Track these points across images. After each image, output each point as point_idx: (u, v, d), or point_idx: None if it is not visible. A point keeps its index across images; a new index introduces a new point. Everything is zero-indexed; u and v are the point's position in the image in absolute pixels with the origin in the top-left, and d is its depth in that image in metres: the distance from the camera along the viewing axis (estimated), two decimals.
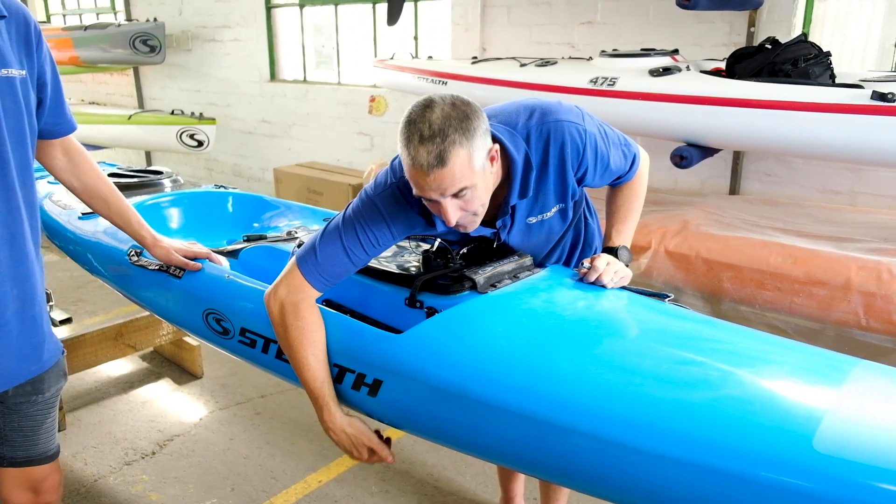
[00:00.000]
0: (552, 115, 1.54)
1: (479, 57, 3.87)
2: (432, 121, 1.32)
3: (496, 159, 1.45)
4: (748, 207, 2.97)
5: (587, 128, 1.55)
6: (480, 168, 1.38)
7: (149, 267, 2.01)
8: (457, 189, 1.35)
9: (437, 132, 1.30)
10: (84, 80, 7.43)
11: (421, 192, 1.39)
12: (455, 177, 1.33)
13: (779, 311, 2.49)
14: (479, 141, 1.35)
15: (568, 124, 1.53)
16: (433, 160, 1.31)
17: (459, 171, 1.33)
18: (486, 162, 1.41)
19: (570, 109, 1.57)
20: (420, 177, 1.34)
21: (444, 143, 1.30)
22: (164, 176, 2.88)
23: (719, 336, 1.46)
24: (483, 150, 1.38)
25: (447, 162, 1.31)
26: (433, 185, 1.34)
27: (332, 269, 1.56)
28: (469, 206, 1.42)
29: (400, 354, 1.48)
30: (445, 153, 1.30)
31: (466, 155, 1.33)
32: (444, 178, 1.33)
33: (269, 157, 5.71)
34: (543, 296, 1.59)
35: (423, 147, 1.31)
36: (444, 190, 1.35)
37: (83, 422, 3.24)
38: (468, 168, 1.34)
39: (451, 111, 1.33)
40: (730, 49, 2.97)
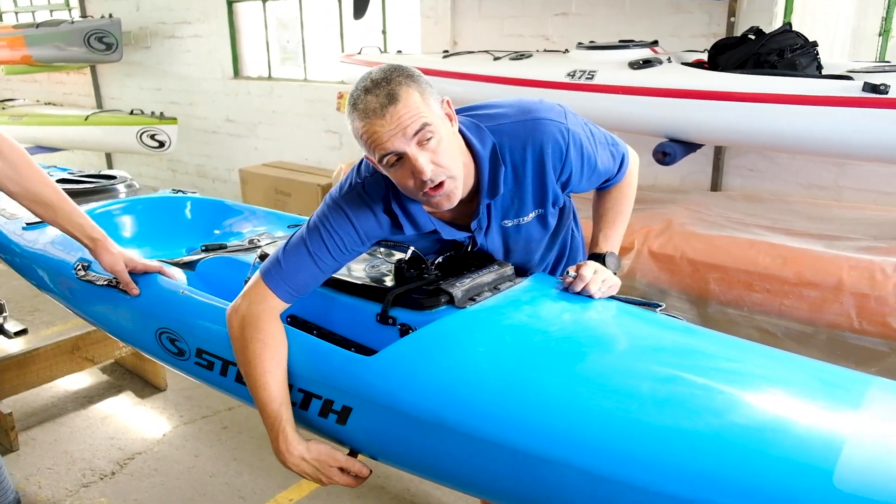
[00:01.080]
0: (531, 112, 1.42)
1: (450, 51, 3.73)
2: (374, 76, 1.26)
3: (454, 119, 1.36)
4: (732, 204, 2.88)
5: (570, 127, 1.43)
6: (438, 112, 1.29)
7: (96, 282, 1.85)
8: (417, 125, 1.25)
9: (382, 80, 1.25)
10: (39, 79, 7.14)
11: (383, 147, 1.26)
12: (411, 110, 1.24)
13: (768, 314, 2.39)
14: (426, 86, 1.28)
15: (548, 123, 1.41)
16: (384, 99, 1.23)
17: (414, 106, 1.24)
18: (444, 114, 1.32)
19: (552, 107, 1.45)
20: (376, 126, 1.24)
21: (391, 84, 1.24)
22: (118, 181, 2.71)
23: (719, 351, 1.35)
24: (433, 96, 1.29)
25: (398, 97, 1.23)
26: (392, 126, 1.24)
27: (299, 278, 1.44)
28: (439, 156, 1.29)
29: (370, 379, 1.35)
30: (394, 91, 1.23)
31: (417, 94, 1.25)
32: (399, 114, 1.23)
33: (234, 156, 5.52)
34: (527, 309, 1.47)
35: (371, 95, 1.24)
36: (405, 128, 1.24)
37: (38, 441, 3.05)
38: (423, 105, 1.26)
39: (388, 66, 1.28)
40: (709, 40, 2.88)
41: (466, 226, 1.51)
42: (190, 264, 2.02)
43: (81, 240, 1.73)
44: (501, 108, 1.45)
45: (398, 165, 1.29)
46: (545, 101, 1.46)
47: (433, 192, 1.32)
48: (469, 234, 1.53)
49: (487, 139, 1.41)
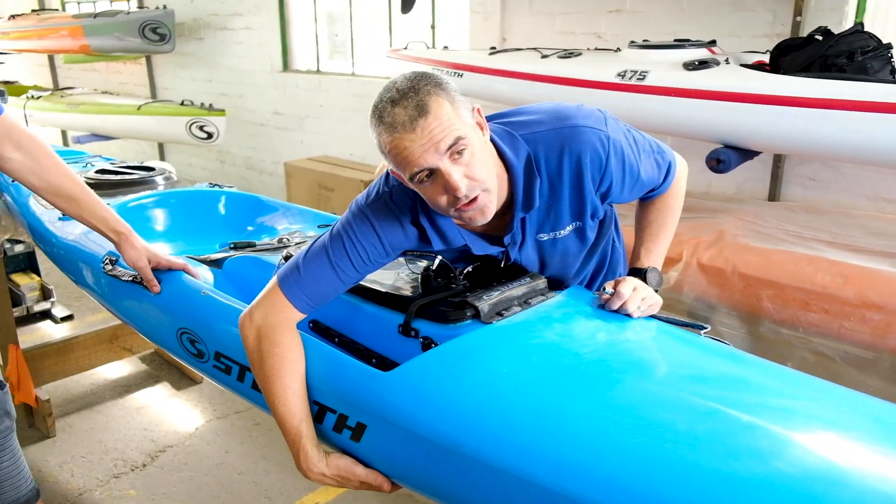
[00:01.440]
0: (568, 119, 1.32)
1: (497, 47, 3.63)
2: (399, 86, 1.18)
3: (485, 128, 1.27)
4: (790, 216, 2.70)
5: (611, 134, 1.32)
6: (470, 122, 1.21)
7: (122, 277, 1.82)
8: (451, 139, 1.17)
9: (409, 89, 1.17)
10: (98, 68, 7.31)
11: (416, 164, 1.18)
12: (443, 122, 1.16)
13: (826, 337, 2.23)
14: (455, 95, 1.20)
15: (587, 130, 1.31)
16: (413, 112, 1.15)
17: (447, 118, 1.17)
18: (475, 123, 1.23)
19: (591, 113, 1.34)
20: (406, 141, 1.16)
21: (419, 94, 1.16)
22: (157, 173, 2.69)
23: (768, 384, 1.22)
24: (464, 105, 1.21)
25: (429, 108, 1.15)
26: (423, 141, 1.16)
27: (318, 288, 1.37)
28: (473, 170, 1.20)
29: (386, 396, 1.27)
30: (424, 102, 1.15)
31: (448, 104, 1.18)
32: (431, 127, 1.15)
33: (281, 150, 5.52)
34: (558, 327, 1.37)
35: (398, 107, 1.16)
36: (438, 143, 1.16)
37: (74, 428, 3.09)
38: (455, 116, 1.18)
39: (413, 74, 1.20)
40: (772, 41, 2.70)
41: (499, 239, 1.42)
42: (217, 262, 1.98)
43: (106, 233, 1.70)
44: (536, 114, 1.36)
45: (429, 181, 1.21)
46: (584, 107, 1.36)
47: (466, 208, 1.24)
48: (502, 249, 1.44)
49: (521, 149, 1.32)
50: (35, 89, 6.90)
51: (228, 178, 6.19)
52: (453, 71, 3.35)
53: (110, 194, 2.48)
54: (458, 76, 3.33)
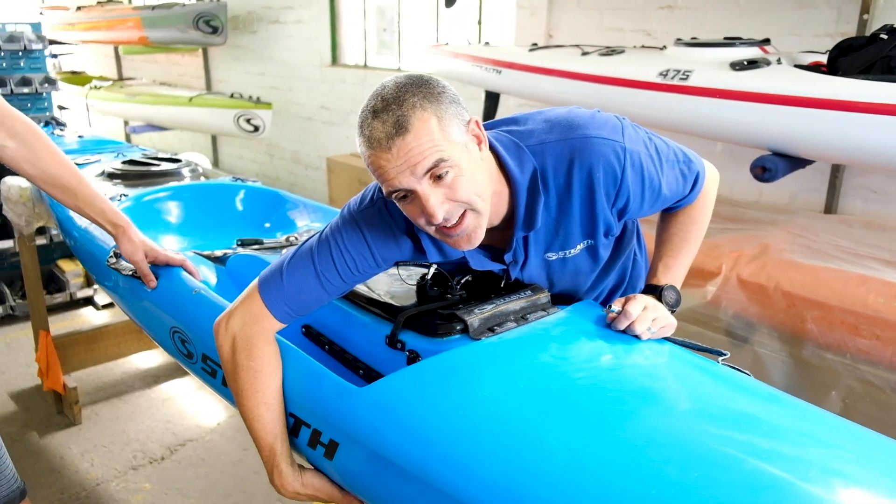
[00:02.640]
0: (579, 129, 1.20)
1: (543, 44, 3.49)
2: (385, 94, 1.07)
3: (483, 141, 1.15)
4: (846, 231, 2.48)
5: (628, 146, 1.20)
6: (459, 140, 1.08)
7: (123, 272, 1.78)
8: (430, 162, 1.06)
9: (392, 100, 1.05)
10: (158, 60, 7.47)
11: (390, 184, 1.09)
12: (423, 143, 1.05)
13: (875, 365, 2.02)
14: (447, 106, 1.08)
15: (599, 142, 1.18)
16: (391, 128, 1.04)
17: (427, 138, 1.05)
18: (468, 138, 1.11)
19: (606, 122, 1.22)
20: (382, 160, 1.07)
21: (402, 107, 1.05)
22: (183, 165, 2.67)
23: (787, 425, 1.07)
24: (457, 117, 1.09)
25: (409, 126, 1.04)
26: (399, 162, 1.05)
27: (300, 297, 1.28)
28: (456, 192, 1.09)
29: (358, 413, 1.18)
30: (405, 117, 1.04)
31: (433, 119, 1.06)
32: (408, 147, 1.05)
33: (326, 144, 5.50)
34: (553, 347, 1.25)
35: (378, 120, 1.06)
36: (414, 165, 1.06)
37: (100, 416, 3.12)
38: (439, 134, 1.06)
39: (405, 80, 1.08)
40: (835, 40, 2.48)
41: (502, 253, 1.31)
42: (222, 259, 1.93)
43: (104, 226, 1.67)
44: (546, 122, 1.24)
45: (408, 201, 1.12)
46: (599, 114, 1.24)
47: (450, 231, 1.14)
48: (504, 267, 1.33)
49: (527, 162, 1.20)
50: (99, 79, 7.11)
51: (276, 172, 6.23)
52: (492, 67, 3.23)
53: (133, 185, 2.48)
54: (497, 73, 3.21)
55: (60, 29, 7.02)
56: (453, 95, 1.11)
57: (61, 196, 1.62)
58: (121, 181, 2.50)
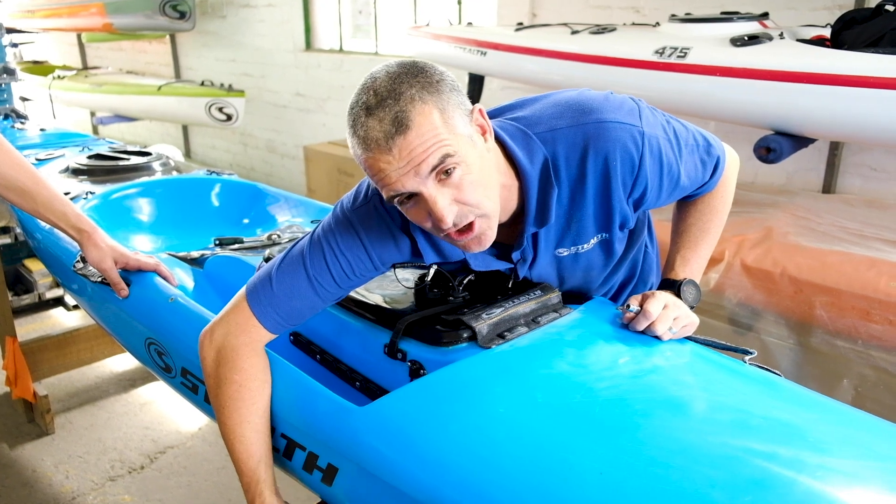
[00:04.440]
0: (593, 113, 1.08)
1: (526, 23, 3.35)
2: (378, 86, 0.95)
3: (488, 131, 1.04)
4: (849, 211, 2.40)
5: (646, 130, 1.08)
6: (464, 132, 0.98)
7: (91, 278, 1.64)
8: (435, 159, 0.95)
9: (388, 93, 0.94)
10: (124, 47, 7.21)
11: (391, 187, 0.98)
12: (426, 140, 0.93)
13: (889, 351, 1.95)
14: (449, 96, 0.97)
15: (615, 127, 1.07)
16: (389, 126, 0.93)
17: (431, 133, 0.94)
18: (473, 130, 0.99)
19: (622, 105, 1.10)
20: (382, 162, 0.95)
21: (399, 101, 0.93)
22: (153, 158, 2.51)
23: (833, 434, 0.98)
24: (459, 108, 0.98)
25: (410, 122, 0.93)
26: (401, 164, 0.94)
27: (292, 305, 1.17)
28: (464, 193, 0.99)
29: (360, 435, 1.06)
30: (404, 113, 0.93)
31: (435, 111, 0.95)
32: (411, 147, 0.93)
33: (302, 132, 5.33)
34: (570, 354, 1.14)
35: (373, 118, 0.93)
36: (419, 165, 0.94)
37: (74, 425, 2.97)
38: (443, 127, 0.95)
39: (398, 69, 0.97)
40: (833, 14, 2.39)
41: (508, 250, 1.20)
42: (199, 260, 1.79)
43: (67, 231, 1.53)
44: (555, 106, 1.12)
45: (411, 203, 1.00)
46: (613, 96, 1.12)
47: (458, 236, 1.03)
48: (511, 265, 1.22)
49: (537, 151, 1.09)
50: (63, 69, 6.84)
51: (251, 162, 6.05)
52: (476, 49, 3.10)
53: (101, 181, 2.32)
54: (482, 55, 3.08)
55: (20, 16, 6.72)
56: (453, 83, 0.99)
57: (17, 200, 1.47)
58: (87, 177, 2.34)
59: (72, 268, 1.71)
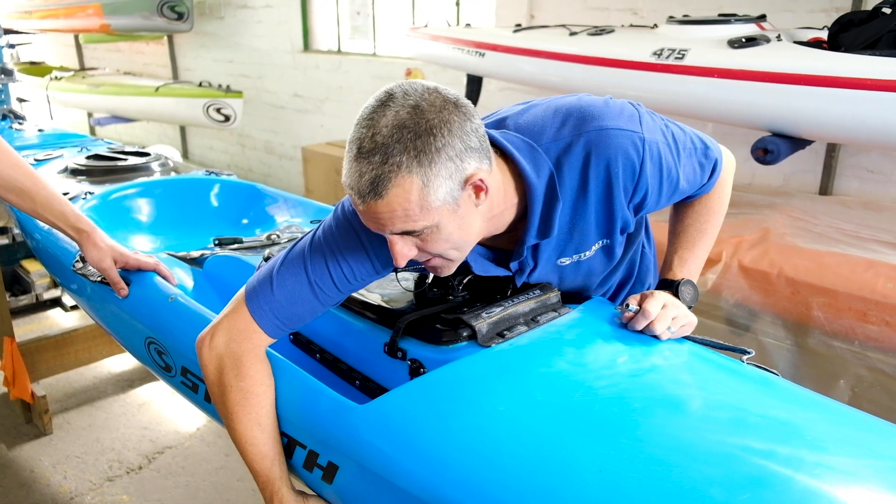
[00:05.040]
0: (594, 120, 1.08)
1: (524, 24, 3.36)
2: (378, 128, 0.93)
3: (484, 191, 1.01)
4: (846, 213, 2.41)
5: (646, 136, 1.09)
6: (445, 204, 0.97)
7: (90, 278, 1.64)
8: (398, 229, 0.99)
9: (379, 147, 0.92)
10: (122, 48, 7.20)
11: (361, 220, 1.03)
12: (395, 213, 0.95)
13: (885, 352, 1.96)
14: (443, 167, 0.94)
15: (617, 133, 1.07)
16: (365, 187, 0.94)
17: (402, 209, 0.95)
18: (464, 194, 0.97)
19: (621, 111, 1.10)
20: (354, 203, 0.99)
21: (385, 165, 0.92)
22: (152, 159, 2.51)
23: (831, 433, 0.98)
24: (451, 179, 0.95)
25: (384, 193, 0.93)
26: (368, 217, 0.99)
27: (293, 310, 1.16)
28: (429, 246, 1.03)
29: (360, 433, 1.06)
30: (382, 181, 0.92)
31: (416, 187, 0.93)
32: (379, 213, 0.96)
33: (300, 133, 5.34)
34: (570, 352, 1.15)
35: (357, 165, 0.94)
36: (383, 225, 0.99)
37: (72, 425, 2.96)
38: (417, 205, 0.95)
39: (407, 118, 0.93)
40: (830, 16, 2.41)
41: (510, 255, 1.20)
42: (198, 260, 1.79)
43: (66, 231, 1.53)
44: (556, 114, 1.11)
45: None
46: (612, 102, 1.12)
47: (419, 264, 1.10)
48: (510, 273, 1.22)
49: (543, 165, 1.09)
50: (60, 70, 6.83)
51: (248, 163, 6.05)
52: (475, 50, 3.11)
53: (99, 182, 2.32)
54: (480, 56, 3.08)
55: (17, 17, 6.72)
56: (461, 147, 0.95)
57: (16, 200, 1.47)
58: (85, 178, 2.34)
59: (71, 268, 1.71)
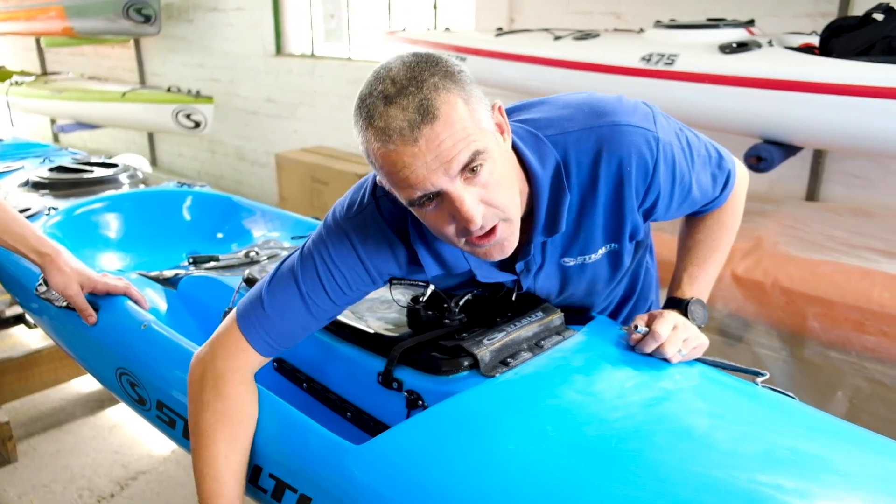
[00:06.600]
0: (607, 115, 1.01)
1: (505, 28, 3.30)
2: (395, 74, 0.86)
3: (506, 132, 0.96)
4: (835, 220, 2.38)
5: (661, 136, 1.02)
6: (489, 127, 0.91)
7: (55, 303, 1.52)
8: (466, 156, 0.87)
9: (408, 81, 0.85)
10: (86, 52, 6.99)
11: (417, 186, 0.88)
12: (456, 132, 0.85)
13: (883, 362, 1.92)
14: (471, 87, 0.89)
15: (631, 130, 1.00)
16: (415, 115, 0.84)
17: (460, 125, 0.86)
18: (495, 126, 0.92)
19: (635, 108, 1.04)
20: (405, 156, 0.86)
21: (423, 89, 0.84)
22: (120, 170, 2.39)
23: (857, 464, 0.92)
24: (481, 101, 0.90)
25: (437, 111, 0.84)
26: (428, 158, 0.85)
27: (285, 327, 1.09)
28: (491, 193, 0.91)
29: (358, 476, 0.98)
30: (430, 101, 0.84)
31: (461, 102, 0.86)
32: (440, 139, 0.85)
33: (273, 139, 5.21)
34: (579, 380, 1.07)
35: (394, 106, 0.84)
36: (449, 161, 0.86)
37: (39, 452, 2.81)
38: (471, 120, 0.87)
39: (414, 59, 0.88)
40: (816, 21, 2.38)
41: (512, 261, 1.12)
42: (172, 280, 1.68)
43: (27, 255, 1.41)
44: (566, 108, 1.05)
45: (432, 205, 0.91)
46: (626, 99, 1.05)
47: (480, 242, 0.95)
48: (515, 277, 1.14)
49: (549, 156, 1.02)
50: (21, 75, 6.60)
51: (219, 170, 5.90)
52: (456, 54, 3.03)
53: (64, 196, 2.19)
54: (461, 60, 3.01)
55: None
56: (471, 76, 0.91)
57: None
58: (48, 192, 2.21)
59: (34, 291, 1.59)
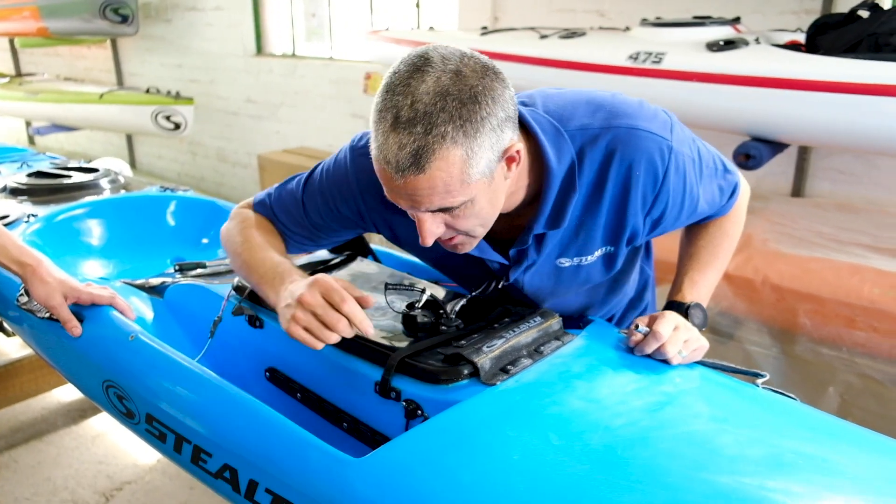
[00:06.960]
0: (626, 117, 1.01)
1: (490, 27, 3.28)
2: (418, 96, 0.85)
3: (517, 161, 0.96)
4: (822, 215, 2.39)
5: (675, 146, 1.02)
6: (483, 177, 0.92)
7: (37, 314, 1.48)
8: (436, 207, 0.93)
9: (421, 117, 0.85)
10: (61, 53, 6.87)
11: (388, 194, 0.96)
12: (436, 190, 0.89)
13: (874, 358, 1.93)
14: (486, 138, 0.88)
15: (647, 136, 1.00)
16: (405, 160, 0.87)
17: (443, 184, 0.89)
18: (499, 166, 0.94)
19: (655, 115, 1.04)
20: (386, 177, 0.92)
21: (429, 136, 0.85)
22: (101, 175, 2.33)
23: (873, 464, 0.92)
24: (492, 150, 0.90)
25: (426, 166, 0.87)
26: (402, 193, 0.92)
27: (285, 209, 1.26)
28: (458, 223, 0.97)
29: (358, 491, 0.95)
30: (425, 152, 0.86)
31: (460, 159, 0.88)
32: (418, 189, 0.90)
33: (255, 140, 5.15)
34: (581, 386, 1.06)
35: (395, 136, 0.86)
36: (418, 204, 0.93)
37: (20, 464, 2.75)
38: (458, 179, 0.89)
39: (450, 84, 0.85)
40: (800, 18, 2.38)
41: (508, 243, 1.11)
42: (158, 289, 1.64)
43: (8, 266, 1.37)
44: (589, 104, 1.04)
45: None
46: (647, 105, 1.06)
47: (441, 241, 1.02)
48: (505, 263, 1.14)
49: (566, 150, 1.02)
50: None
51: (200, 172, 5.82)
52: None
53: (43, 202, 2.14)
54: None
55: None
56: (503, 116, 0.89)
57: None
58: (27, 198, 2.15)
59: (14, 301, 1.54)
